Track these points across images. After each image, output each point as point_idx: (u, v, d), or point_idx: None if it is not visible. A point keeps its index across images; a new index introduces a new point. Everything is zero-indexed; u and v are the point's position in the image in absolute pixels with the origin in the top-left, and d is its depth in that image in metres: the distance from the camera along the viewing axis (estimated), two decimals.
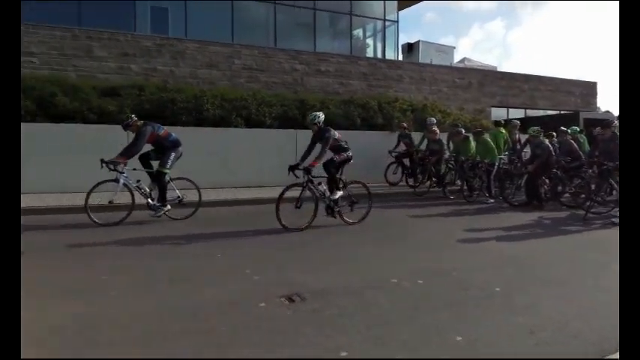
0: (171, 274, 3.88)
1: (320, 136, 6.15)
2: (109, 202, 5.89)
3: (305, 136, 10.54)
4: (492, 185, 8.88)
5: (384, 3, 17.60)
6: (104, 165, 5.78)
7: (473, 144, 9.40)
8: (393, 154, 10.59)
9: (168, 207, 6.26)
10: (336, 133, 6.25)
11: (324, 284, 3.60)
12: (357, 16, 17.34)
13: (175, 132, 9.17)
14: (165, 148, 6.24)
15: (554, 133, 9.29)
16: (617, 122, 8.00)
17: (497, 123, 11.11)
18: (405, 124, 10.93)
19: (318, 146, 6.13)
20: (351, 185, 6.48)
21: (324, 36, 17.13)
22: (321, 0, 16.29)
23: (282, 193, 5.71)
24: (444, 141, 10.22)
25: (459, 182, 9.71)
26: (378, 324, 2.84)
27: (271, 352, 2.47)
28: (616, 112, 6.76)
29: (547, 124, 10.13)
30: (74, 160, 8.29)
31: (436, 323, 2.86)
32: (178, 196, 6.44)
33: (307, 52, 15.40)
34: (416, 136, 10.93)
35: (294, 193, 5.83)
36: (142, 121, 6.27)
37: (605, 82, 58.69)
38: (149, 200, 6.18)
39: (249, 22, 15.68)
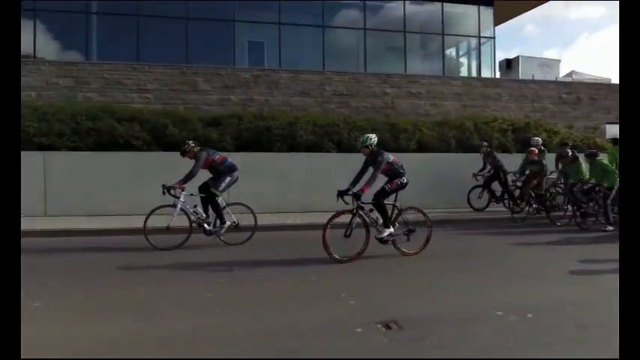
0: (264, 294, 4.00)
1: (372, 159, 5.67)
2: (167, 227, 6.04)
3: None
4: (610, 211, 7.86)
5: (479, 19, 17.00)
6: (165, 190, 6.03)
7: (584, 166, 8.49)
8: (478, 177, 9.96)
9: (228, 223, 6.38)
10: (391, 156, 5.78)
11: (422, 312, 3.48)
12: (449, 35, 16.99)
13: (271, 157, 9.83)
14: (220, 172, 6.44)
15: None
16: None
17: (616, 141, 9.88)
18: (486, 144, 10.26)
19: (371, 170, 5.69)
20: (408, 211, 5.92)
21: (414, 57, 17.01)
22: (412, 21, 16.29)
23: (330, 220, 5.36)
24: (547, 161, 9.40)
25: (566, 207, 8.79)
26: (483, 358, 2.66)
27: None
28: None
29: None
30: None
31: None
32: (234, 221, 6.49)
33: (398, 75, 15.39)
34: (518, 158, 10.21)
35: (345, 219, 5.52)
36: (198, 147, 6.49)
37: None
38: (205, 225, 6.30)
39: (340, 48, 16.20)
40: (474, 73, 17.33)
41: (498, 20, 18.36)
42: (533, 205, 8.91)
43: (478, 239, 7.03)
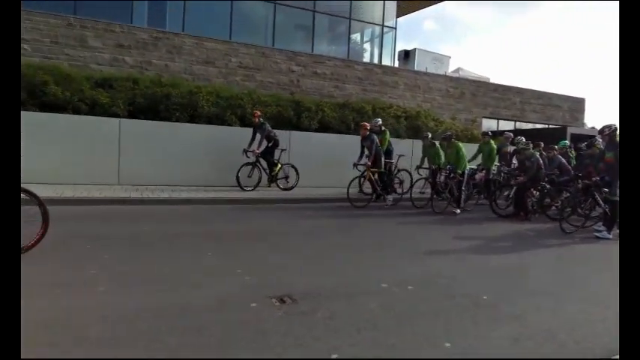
0: (158, 272, 3.84)
1: None
2: None
3: (299, 137, 10.61)
4: (462, 196, 8.65)
5: (384, 8, 17.76)
6: None
7: (441, 151, 9.19)
8: (249, 153, 9.22)
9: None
10: None
11: (314, 287, 3.61)
12: (356, 20, 17.48)
13: (168, 128, 9.25)
14: None
15: (541, 144, 9.47)
16: (599, 139, 8.04)
17: (485, 134, 11.18)
18: (258, 113, 9.54)
19: None
20: None
21: (322, 38, 17.28)
22: (321, 0, 16.38)
23: None
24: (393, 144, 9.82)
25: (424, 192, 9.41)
26: (368, 328, 2.87)
27: (262, 351, 2.48)
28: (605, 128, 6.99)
29: (536, 137, 10.35)
30: (65, 150, 8.39)
31: (425, 329, 2.91)
32: None
33: (304, 54, 15.50)
34: (409, 143, 11.04)
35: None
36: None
37: (593, 98, 59.98)
38: None
39: (248, 20, 15.75)
40: (376, 60, 18.18)
41: (401, 12, 19.42)
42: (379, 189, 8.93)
43: (356, 220, 7.39)
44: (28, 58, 10.69)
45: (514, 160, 9.69)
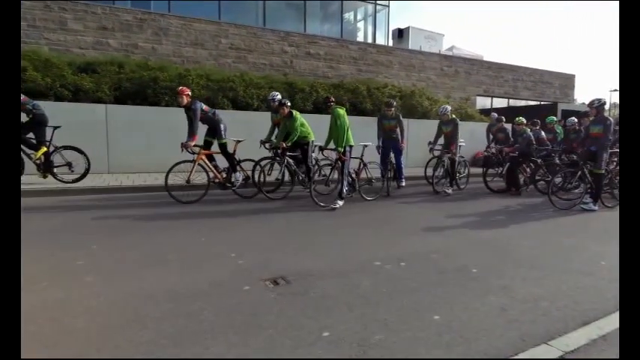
0: (150, 258, 3.85)
1: None
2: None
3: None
4: (346, 180, 6.70)
5: None
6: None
7: (299, 123, 7.17)
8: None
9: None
10: None
11: (308, 267, 3.64)
12: None
13: (158, 113, 9.11)
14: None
15: (538, 122, 9.69)
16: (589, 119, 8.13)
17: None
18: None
19: None
20: None
21: (314, 18, 16.99)
22: None
23: None
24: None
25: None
26: (360, 305, 2.91)
27: (254, 334, 2.48)
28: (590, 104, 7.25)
29: (528, 113, 10.43)
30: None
31: (415, 303, 2.96)
32: None
33: (297, 34, 15.25)
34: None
35: None
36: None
37: (582, 75, 59.81)
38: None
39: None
40: (370, 39, 17.94)
41: None
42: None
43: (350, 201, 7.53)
44: None
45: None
